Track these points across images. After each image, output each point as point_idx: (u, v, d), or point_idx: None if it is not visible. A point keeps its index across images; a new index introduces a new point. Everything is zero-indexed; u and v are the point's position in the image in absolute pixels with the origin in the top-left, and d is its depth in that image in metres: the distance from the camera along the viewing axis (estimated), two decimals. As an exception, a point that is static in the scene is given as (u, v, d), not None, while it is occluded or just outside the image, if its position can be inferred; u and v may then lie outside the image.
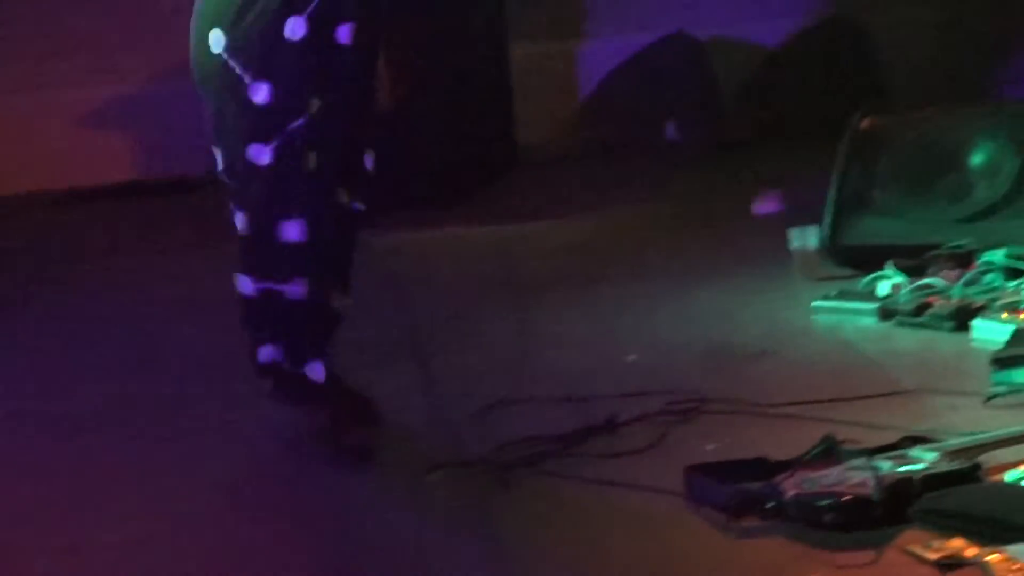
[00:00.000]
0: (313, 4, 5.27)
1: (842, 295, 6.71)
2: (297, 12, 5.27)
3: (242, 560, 4.87)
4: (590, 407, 5.59)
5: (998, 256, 6.72)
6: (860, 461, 4.85)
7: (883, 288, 6.66)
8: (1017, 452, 5.03)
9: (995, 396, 5.59)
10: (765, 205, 8.24)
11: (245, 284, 5.54)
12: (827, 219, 7.21)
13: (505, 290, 7.14)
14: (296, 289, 5.42)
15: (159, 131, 10.01)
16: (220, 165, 5.53)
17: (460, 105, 9.19)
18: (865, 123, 7.47)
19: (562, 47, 10.51)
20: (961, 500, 4.68)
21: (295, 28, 5.27)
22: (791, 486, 4.75)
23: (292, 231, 5.39)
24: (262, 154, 5.34)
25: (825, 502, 4.66)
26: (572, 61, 10.49)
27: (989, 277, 6.64)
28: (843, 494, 4.69)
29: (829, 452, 4.96)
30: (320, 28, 5.31)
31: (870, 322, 6.52)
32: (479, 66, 9.52)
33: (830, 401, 5.61)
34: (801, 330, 6.54)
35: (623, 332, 6.58)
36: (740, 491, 4.78)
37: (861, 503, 4.66)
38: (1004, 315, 6.25)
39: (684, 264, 7.50)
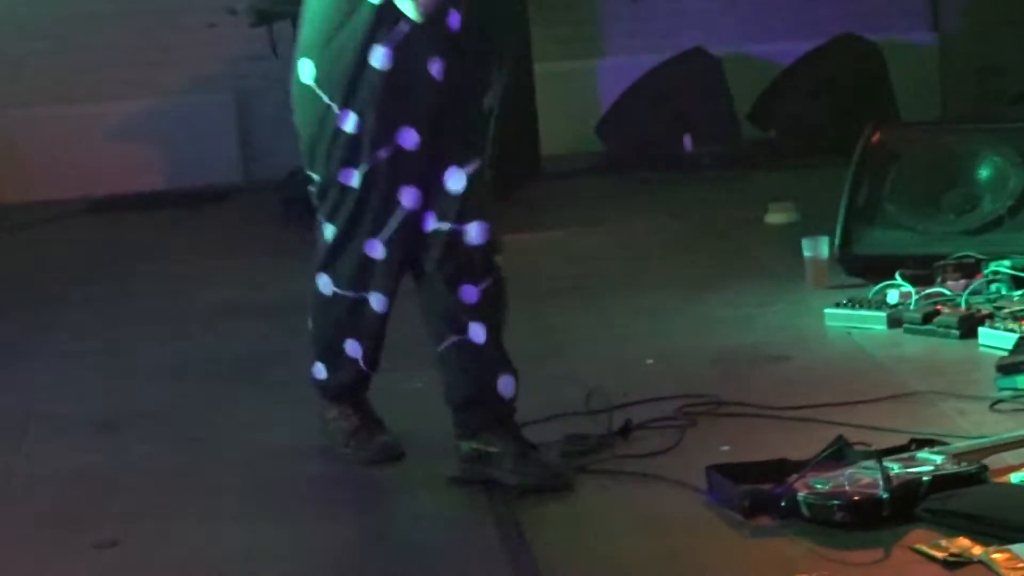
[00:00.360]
0: (398, 36, 5.21)
1: (853, 303, 6.66)
2: (381, 42, 5.21)
3: (270, 555, 4.85)
4: (612, 409, 5.54)
5: (1004, 266, 6.69)
6: (870, 463, 4.79)
7: (892, 296, 6.62)
8: (1022, 455, 4.99)
9: (1000, 401, 5.57)
10: (777, 215, 8.21)
11: (325, 284, 5.52)
12: (838, 230, 7.18)
13: (528, 295, 7.11)
14: (379, 302, 5.43)
15: (191, 142, 10.01)
16: (316, 181, 5.47)
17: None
18: (875, 138, 7.44)
19: (583, 65, 10.50)
20: (967, 501, 4.63)
21: (380, 57, 5.21)
22: (803, 486, 4.70)
23: (375, 250, 5.38)
24: (351, 177, 5.33)
25: (836, 502, 4.63)
26: (593, 78, 10.47)
27: (995, 286, 6.61)
28: (853, 494, 4.65)
29: (840, 454, 4.91)
30: (407, 59, 5.25)
31: (880, 329, 6.48)
32: (508, 82, 9.52)
33: (841, 405, 5.58)
34: (813, 336, 6.50)
35: (640, 338, 6.53)
36: (754, 491, 4.75)
37: (871, 503, 4.62)
38: (1009, 324, 6.21)
39: (699, 272, 7.50)
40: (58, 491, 5.45)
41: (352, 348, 5.54)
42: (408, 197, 5.30)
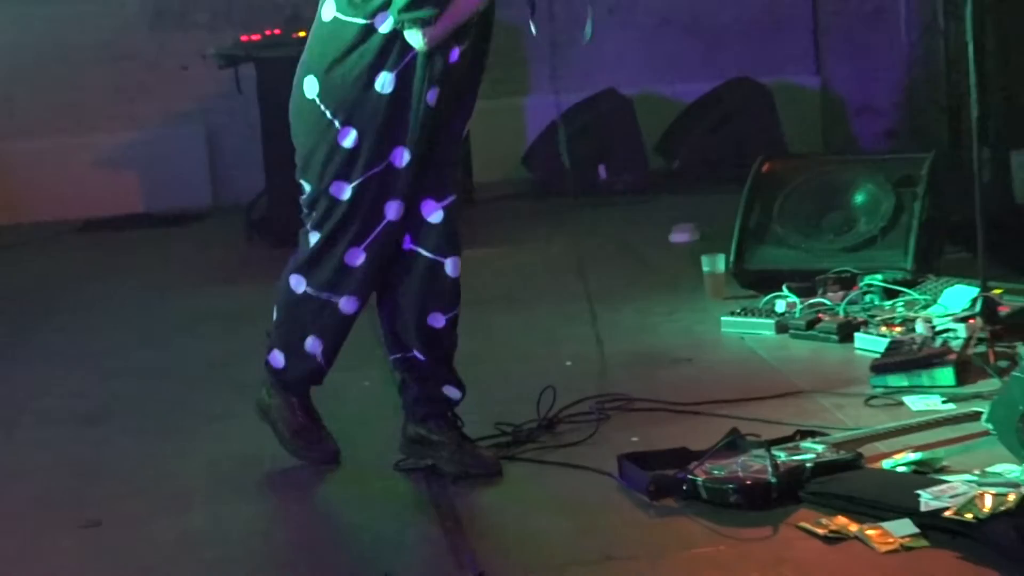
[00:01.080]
0: (403, 64, 5.13)
1: (745, 311, 6.71)
2: (389, 69, 5.14)
3: (234, 536, 4.87)
4: (536, 405, 5.54)
5: (876, 280, 6.76)
6: (760, 451, 4.85)
7: (780, 306, 6.68)
8: (892, 444, 5.06)
9: (873, 397, 5.64)
10: (680, 235, 8.25)
11: (297, 283, 5.38)
12: (733, 248, 7.23)
13: (464, 305, 7.13)
14: (350, 304, 5.33)
15: (166, 170, 9.99)
16: (304, 195, 5.35)
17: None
18: (765, 168, 7.49)
19: (511, 102, 10.51)
20: (845, 484, 4.68)
21: (385, 83, 5.14)
22: (702, 472, 4.74)
23: (356, 258, 5.29)
24: (342, 191, 5.23)
25: (730, 486, 4.68)
26: (519, 114, 10.48)
27: (869, 297, 6.68)
28: (745, 479, 4.70)
29: (734, 444, 4.96)
30: (408, 86, 5.16)
31: (769, 335, 6.53)
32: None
33: (735, 401, 5.62)
34: (711, 341, 6.53)
35: (561, 342, 6.56)
36: (659, 476, 4.78)
37: (761, 487, 4.67)
38: (881, 330, 6.28)
39: (612, 285, 7.48)
40: (48, 477, 5.45)
41: (312, 344, 5.40)
42: (392, 210, 5.22)
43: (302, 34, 8.92)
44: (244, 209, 9.42)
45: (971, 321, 6.12)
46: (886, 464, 4.90)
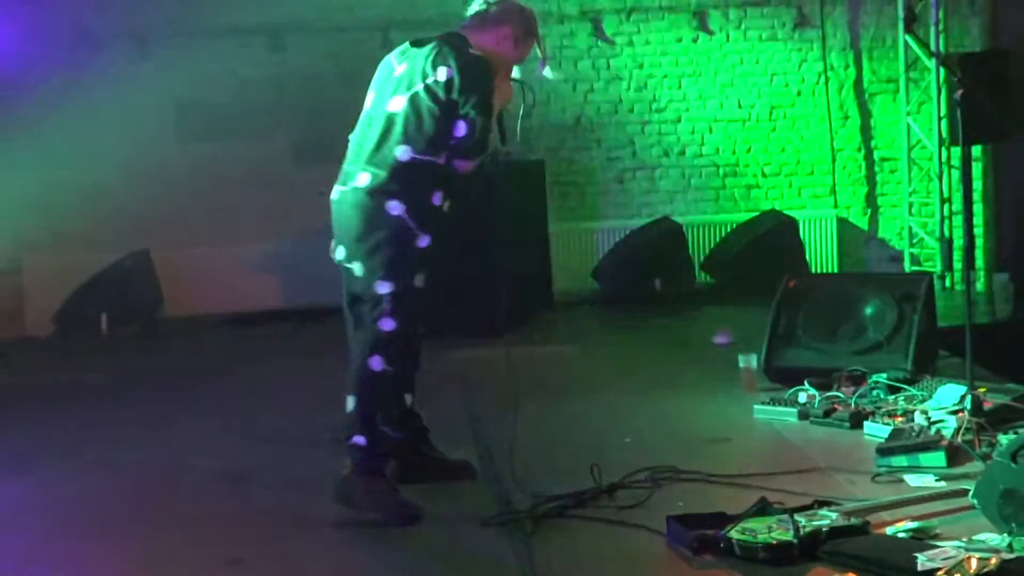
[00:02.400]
0: (447, 186, 5.51)
1: (774, 401, 6.67)
2: (440, 188, 5.48)
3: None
4: (601, 474, 5.50)
5: (882, 378, 6.71)
6: (784, 517, 4.82)
7: (802, 397, 6.63)
8: (894, 514, 5.01)
9: (879, 474, 5.58)
10: (722, 338, 8.23)
11: (377, 363, 5.44)
12: (764, 349, 7.20)
13: (540, 390, 7.13)
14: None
15: (301, 274, 10.05)
16: (389, 289, 5.44)
17: (517, 260, 9.24)
18: (791, 284, 7.47)
19: (585, 226, 10.54)
20: (855, 546, 4.63)
21: (437, 198, 5.50)
22: (735, 533, 4.72)
23: (417, 331, 5.62)
24: (420, 281, 5.51)
25: (760, 545, 4.64)
26: (592, 236, 10.51)
27: (876, 392, 6.61)
28: (772, 540, 4.65)
29: (763, 510, 4.93)
30: (446, 201, 5.55)
31: (793, 421, 6.47)
32: (530, 238, 9.59)
33: (764, 474, 5.57)
34: (745, 425, 6.48)
35: (623, 422, 6.49)
36: (701, 535, 4.76)
37: (785, 547, 4.63)
38: (886, 419, 6.23)
39: (665, 377, 7.47)
40: (201, 522, 5.47)
41: (389, 417, 5.52)
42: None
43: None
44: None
45: (960, 414, 6.07)
46: (889, 530, 4.85)
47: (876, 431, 6.13)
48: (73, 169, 9.63)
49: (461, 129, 5.41)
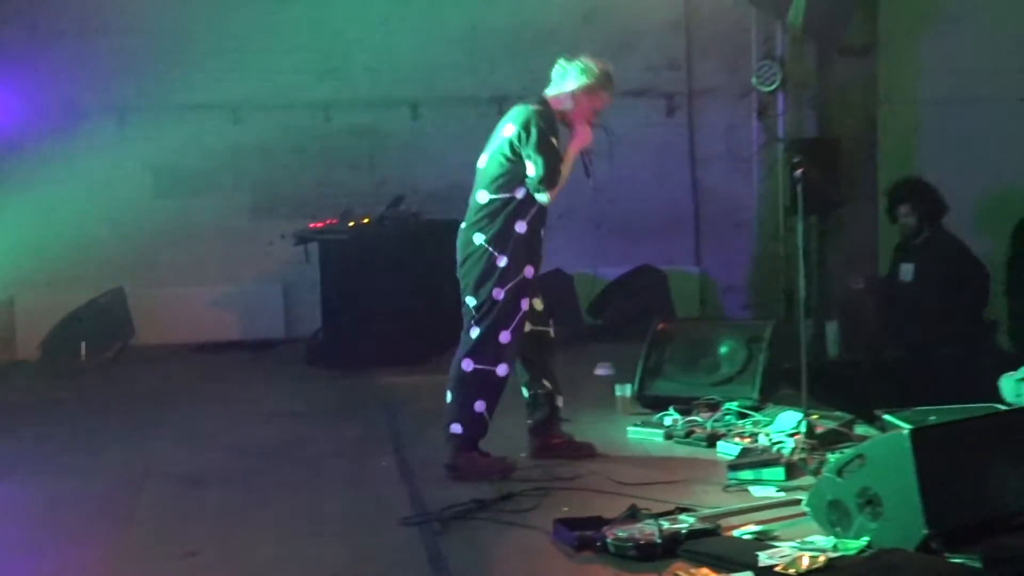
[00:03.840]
0: (531, 214, 5.74)
1: (645, 424, 6.68)
2: (521, 218, 5.72)
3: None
4: (500, 484, 5.54)
5: (733, 406, 6.74)
6: (651, 520, 4.83)
7: (668, 421, 6.65)
8: (741, 519, 5.03)
9: (730, 486, 5.60)
10: (602, 370, 8.23)
11: (468, 364, 5.77)
12: (636, 380, 7.21)
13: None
14: (504, 369, 5.78)
15: (255, 311, 9.98)
16: (474, 303, 5.77)
17: (435, 300, 9.23)
18: (660, 327, 7.49)
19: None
20: (709, 546, 4.65)
21: (520, 227, 5.73)
22: (611, 534, 4.71)
23: (505, 336, 5.74)
24: (499, 294, 5.71)
25: (630, 544, 4.65)
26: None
27: (728, 418, 6.64)
28: (640, 539, 4.67)
29: (633, 515, 4.94)
30: (532, 227, 5.76)
31: (660, 440, 6.48)
32: (443, 284, 9.56)
33: (636, 485, 5.57)
34: (621, 443, 6.46)
35: (520, 439, 6.29)
36: (582, 536, 4.77)
37: (650, 545, 4.64)
38: (736, 440, 6.26)
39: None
40: (161, 521, 5.42)
41: (480, 406, 5.75)
42: (524, 304, 5.80)
43: (351, 224, 9.02)
44: (307, 339, 9.39)
45: (797, 436, 6.12)
46: (737, 532, 4.87)
47: (728, 450, 6.16)
48: (61, 219, 9.52)
49: (529, 169, 5.71)
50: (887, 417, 6.38)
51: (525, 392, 6.12)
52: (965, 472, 4.70)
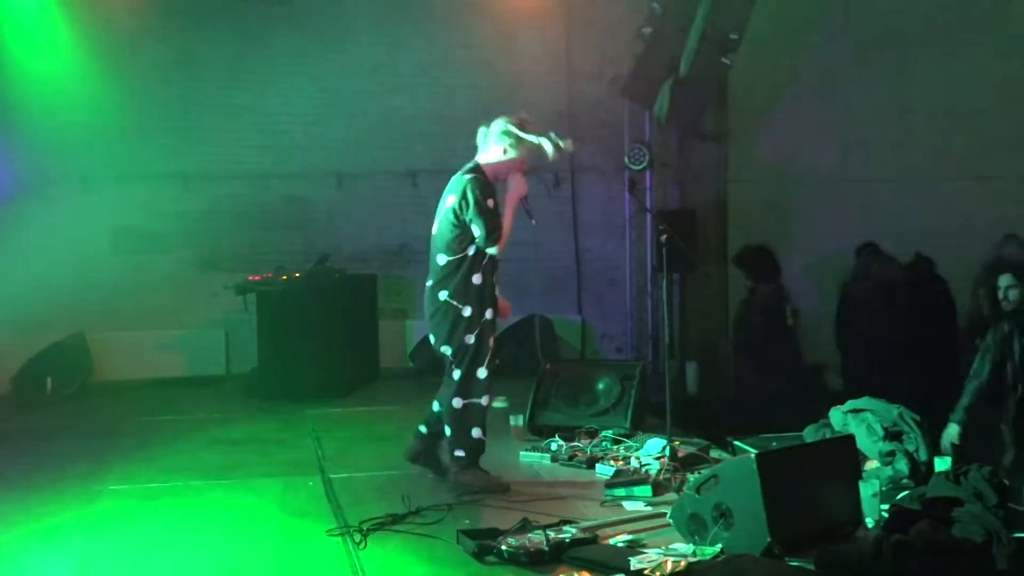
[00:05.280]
0: (483, 266, 5.67)
1: (535, 448, 6.67)
2: (476, 272, 5.67)
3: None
4: (412, 501, 5.45)
5: (609, 433, 6.77)
6: (539, 531, 4.82)
7: (554, 446, 6.65)
8: (616, 529, 5.04)
9: (605, 501, 5.60)
10: (498, 402, 8.16)
11: (457, 402, 5.71)
12: (528, 411, 7.21)
13: (372, 439, 7.03)
14: (486, 399, 5.76)
15: (200, 352, 9.81)
16: (450, 351, 5.70)
17: (355, 343, 9.17)
18: (550, 367, 7.52)
19: (399, 322, 10.39)
20: (589, 552, 4.66)
21: (476, 279, 5.67)
22: (505, 543, 4.70)
23: (482, 372, 5.71)
24: (470, 339, 5.65)
25: (522, 551, 4.64)
26: (402, 328, 10.35)
27: (604, 444, 6.67)
28: (531, 547, 4.66)
29: (524, 527, 4.92)
30: (485, 277, 5.69)
31: (548, 463, 6.46)
32: (362, 329, 9.51)
33: (526, 501, 5.55)
34: (514, 465, 6.44)
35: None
36: (481, 544, 4.74)
37: (539, 552, 4.64)
38: (611, 462, 6.27)
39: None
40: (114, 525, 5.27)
41: (476, 432, 5.73)
42: (491, 341, 5.74)
43: (284, 277, 8.96)
44: (246, 376, 9.24)
45: (662, 460, 6.16)
46: (612, 541, 4.88)
47: (604, 471, 6.18)
48: (31, 271, 9.27)
49: (474, 231, 5.66)
50: (737, 443, 6.46)
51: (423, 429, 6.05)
52: (802, 489, 4.78)
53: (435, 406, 5.96)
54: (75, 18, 9.47)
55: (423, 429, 6.03)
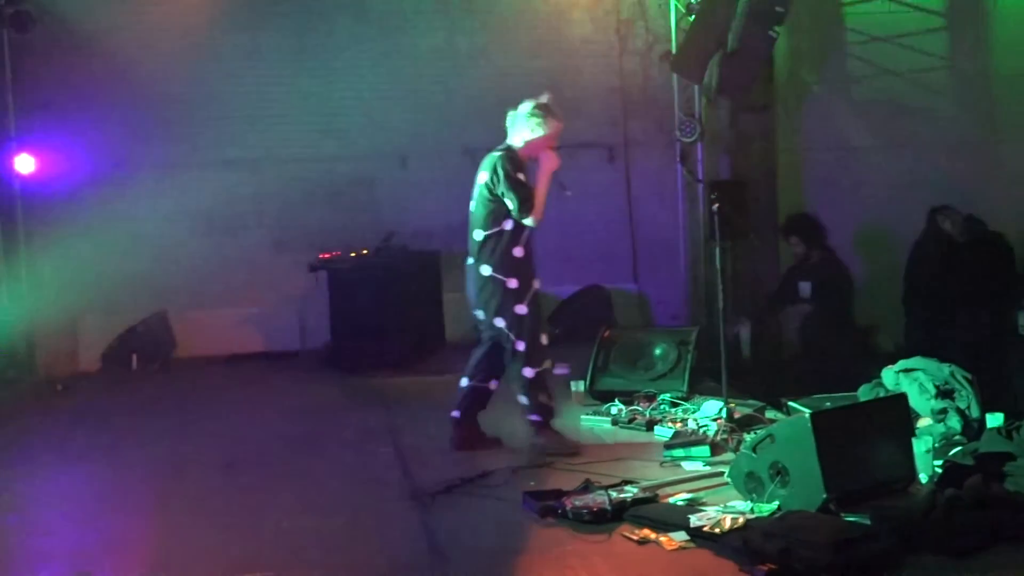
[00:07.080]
0: (523, 238, 5.65)
1: (595, 412, 6.68)
2: (516, 244, 5.66)
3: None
4: (478, 465, 5.49)
5: (666, 397, 6.75)
6: (601, 491, 4.81)
7: (614, 410, 6.64)
8: (675, 488, 5.03)
9: (665, 462, 5.57)
10: (560, 370, 8.18)
11: (528, 372, 5.72)
12: (588, 377, 7.20)
13: (438, 407, 7.04)
14: (548, 364, 5.81)
15: (277, 327, 9.88)
16: (504, 324, 5.70)
17: (421, 316, 9.20)
18: (606, 334, 7.50)
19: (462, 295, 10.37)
20: (649, 511, 4.64)
21: (517, 251, 5.65)
22: (569, 503, 4.70)
23: (544, 339, 5.76)
24: (522, 309, 5.67)
25: (585, 510, 4.63)
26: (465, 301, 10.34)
27: (663, 407, 6.65)
28: (593, 506, 4.65)
29: (587, 487, 4.92)
30: (527, 248, 5.67)
31: (608, 426, 6.46)
32: (428, 303, 9.53)
33: (588, 463, 5.55)
34: (575, 429, 6.42)
35: (494, 427, 6.18)
36: (545, 505, 4.75)
37: (602, 511, 4.63)
38: (669, 424, 6.24)
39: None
40: (198, 498, 5.35)
41: (543, 397, 5.77)
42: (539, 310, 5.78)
43: (353, 255, 9.01)
44: (321, 350, 9.30)
45: (719, 421, 6.12)
46: (672, 500, 4.86)
47: (663, 433, 6.16)
48: (116, 255, 9.40)
49: (509, 204, 5.65)
50: (791, 404, 6.39)
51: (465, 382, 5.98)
52: (855, 447, 4.72)
53: (463, 382, 5.96)
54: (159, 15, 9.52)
55: (456, 415, 5.99)
